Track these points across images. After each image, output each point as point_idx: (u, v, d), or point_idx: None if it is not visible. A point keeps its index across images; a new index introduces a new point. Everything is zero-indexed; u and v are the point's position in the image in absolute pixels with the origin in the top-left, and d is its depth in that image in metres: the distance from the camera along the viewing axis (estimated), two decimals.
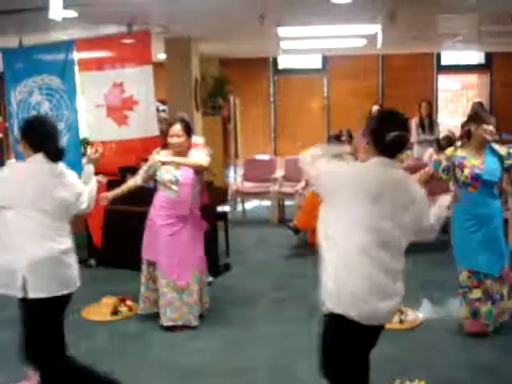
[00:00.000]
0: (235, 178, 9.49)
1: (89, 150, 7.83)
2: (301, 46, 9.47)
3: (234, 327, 4.68)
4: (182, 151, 4.72)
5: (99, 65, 7.01)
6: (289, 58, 11.69)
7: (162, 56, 8.41)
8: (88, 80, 7.06)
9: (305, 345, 4.31)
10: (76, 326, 4.74)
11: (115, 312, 4.92)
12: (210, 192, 6.06)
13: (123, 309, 4.99)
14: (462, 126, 5.01)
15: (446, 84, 11.71)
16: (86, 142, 7.73)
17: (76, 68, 7.03)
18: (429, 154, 7.97)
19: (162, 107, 8.69)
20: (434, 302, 5.16)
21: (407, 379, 3.50)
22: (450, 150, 4.36)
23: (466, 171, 4.19)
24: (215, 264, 6.02)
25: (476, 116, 4.40)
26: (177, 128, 4.75)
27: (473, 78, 11.87)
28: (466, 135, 4.34)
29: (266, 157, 9.56)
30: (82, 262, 6.28)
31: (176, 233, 4.62)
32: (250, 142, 10.87)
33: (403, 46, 9.78)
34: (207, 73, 9.53)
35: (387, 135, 2.56)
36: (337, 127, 8.47)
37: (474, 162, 4.20)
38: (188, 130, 4.80)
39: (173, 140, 4.74)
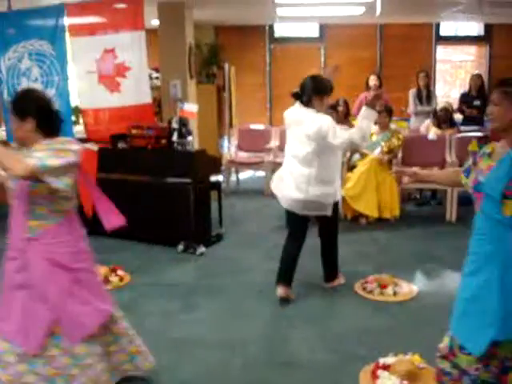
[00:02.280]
0: (229, 147, 9.36)
1: (80, 119, 7.72)
2: (298, 13, 9.26)
3: (227, 298, 4.61)
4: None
5: (90, 30, 6.86)
6: (285, 26, 11.45)
7: (155, 22, 8.21)
8: (79, 46, 6.91)
9: (299, 314, 4.28)
10: None
11: (106, 282, 4.83)
12: (204, 161, 5.97)
13: (114, 278, 4.91)
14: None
15: (444, 55, 11.53)
16: (77, 111, 7.61)
17: (67, 33, 6.90)
18: (426, 125, 7.87)
19: (155, 74, 8.53)
20: (428, 274, 5.11)
21: (401, 352, 3.44)
22: (471, 145, 2.70)
23: (472, 176, 2.58)
24: (208, 234, 5.95)
25: None
26: None
27: (472, 50, 11.70)
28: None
29: (260, 126, 9.40)
30: None
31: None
32: (245, 111, 10.70)
33: (402, 15, 9.59)
34: (202, 40, 9.34)
35: None
36: (333, 97, 8.33)
37: (486, 163, 2.52)
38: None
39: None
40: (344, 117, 7.46)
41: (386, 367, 3.26)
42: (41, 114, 2.82)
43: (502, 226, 2.39)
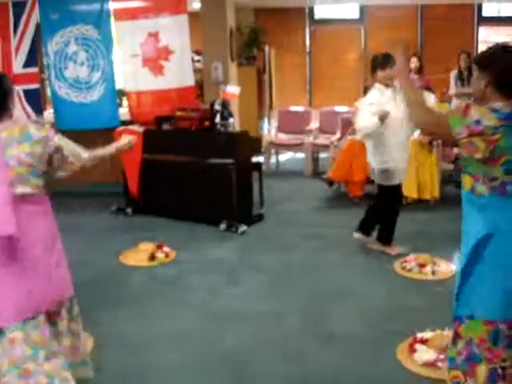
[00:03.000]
0: (269, 129, 9.46)
1: (124, 102, 7.90)
2: None
3: (269, 274, 4.75)
4: None
5: (134, 14, 7.04)
6: (325, 7, 11.44)
7: (196, 5, 8.33)
8: (124, 30, 7.11)
9: (339, 289, 4.40)
10: (114, 270, 4.91)
11: (152, 258, 5.04)
12: (245, 142, 6.10)
13: (160, 255, 5.10)
14: None
15: (486, 36, 11.36)
16: (121, 94, 7.81)
17: (112, 18, 7.08)
18: None
19: (196, 57, 8.65)
20: None
21: (439, 328, 3.53)
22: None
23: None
24: (249, 214, 6.09)
25: None
26: None
27: None
28: None
29: (300, 108, 9.47)
30: (120, 210, 6.54)
31: None
32: (285, 93, 10.78)
33: None
34: (242, 23, 9.41)
35: None
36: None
37: None
38: None
39: None
40: None
41: (423, 341, 3.36)
42: None
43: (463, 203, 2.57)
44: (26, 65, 7.27)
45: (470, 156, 2.40)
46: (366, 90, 7.36)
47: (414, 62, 8.51)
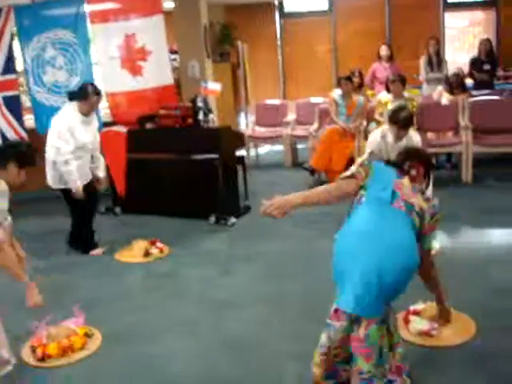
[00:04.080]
0: (247, 123, 9.62)
1: (104, 103, 7.93)
2: None
3: (262, 263, 4.93)
4: None
5: (111, 17, 7.11)
6: (294, 1, 11.64)
7: (168, 5, 8.44)
8: (100, 32, 7.18)
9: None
10: (110, 267, 5.04)
11: (147, 254, 5.18)
12: (229, 136, 6.25)
13: (154, 251, 5.23)
14: None
15: (452, 21, 11.68)
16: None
17: (88, 21, 7.15)
18: (438, 92, 8.08)
19: (172, 56, 8.77)
20: (448, 232, 5.37)
21: (429, 301, 3.74)
22: None
23: None
24: (237, 206, 6.26)
25: None
26: None
27: (479, 15, 11.84)
28: None
29: (276, 101, 9.63)
30: (109, 210, 6.65)
31: None
32: (260, 87, 10.97)
33: None
34: (213, 20, 9.56)
35: None
36: (345, 69, 8.55)
37: None
38: None
39: None
40: (358, 87, 7.70)
41: (416, 313, 3.58)
42: None
43: None
44: (4, 72, 7.31)
45: None
46: (339, 80, 7.60)
47: (384, 50, 8.76)
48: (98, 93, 5.30)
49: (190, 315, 4.04)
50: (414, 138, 4.94)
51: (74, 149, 5.05)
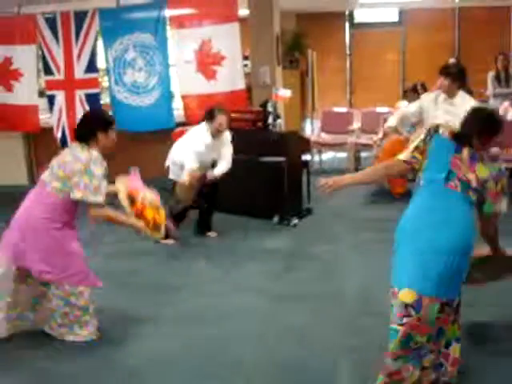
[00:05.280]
0: (313, 129, 9.86)
1: (178, 104, 8.23)
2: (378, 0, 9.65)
3: (323, 261, 5.19)
4: None
5: (189, 22, 7.51)
6: (365, 11, 11.82)
7: (242, 12, 8.75)
8: (179, 37, 7.58)
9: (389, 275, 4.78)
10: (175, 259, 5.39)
11: None
12: (296, 141, 6.52)
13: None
14: None
15: None
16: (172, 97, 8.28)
17: (168, 26, 7.57)
18: (504, 107, 8.12)
19: (244, 62, 9.08)
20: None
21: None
22: None
23: None
24: (299, 208, 6.53)
25: None
26: None
27: None
28: None
29: (343, 109, 9.86)
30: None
31: None
32: (327, 94, 11.19)
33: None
34: (285, 27, 9.83)
35: None
36: (412, 81, 8.67)
37: None
38: None
39: None
40: None
41: None
42: None
43: None
44: (87, 71, 7.82)
45: None
46: (405, 93, 7.75)
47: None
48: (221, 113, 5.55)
49: (253, 304, 4.33)
50: (468, 97, 5.01)
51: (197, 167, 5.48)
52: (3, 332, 3.74)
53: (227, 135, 5.77)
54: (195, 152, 5.45)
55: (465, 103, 4.77)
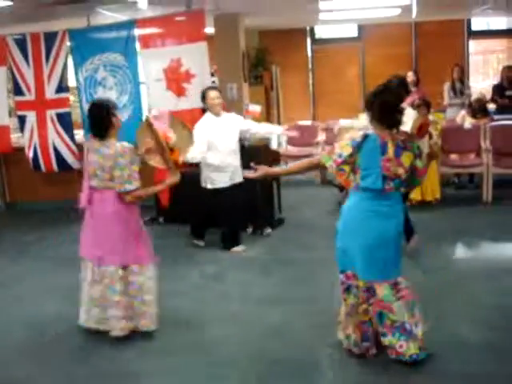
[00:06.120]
0: (279, 143, 10.16)
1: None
2: (338, 16, 10.04)
3: (296, 268, 5.48)
4: None
5: (158, 42, 7.69)
6: (325, 27, 12.24)
7: (208, 30, 9.01)
8: (148, 56, 7.77)
9: None
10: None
11: None
12: (266, 154, 6.78)
13: None
14: None
15: (476, 48, 12.17)
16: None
17: (137, 45, 7.75)
18: (461, 115, 8.56)
19: (212, 78, 9.34)
20: (467, 245, 5.85)
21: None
22: None
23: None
24: (272, 218, 6.79)
25: None
26: None
27: (503, 42, 12.31)
28: None
29: (308, 122, 10.18)
30: (153, 220, 7.21)
31: None
32: (291, 108, 11.52)
33: (436, 13, 10.27)
34: (248, 44, 10.13)
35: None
36: None
37: None
38: None
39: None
40: None
41: None
42: None
43: None
44: (58, 90, 7.96)
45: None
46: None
47: (410, 76, 9.24)
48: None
49: (234, 309, 4.61)
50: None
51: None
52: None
53: (235, 115, 6.12)
54: (202, 133, 5.72)
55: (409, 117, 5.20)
